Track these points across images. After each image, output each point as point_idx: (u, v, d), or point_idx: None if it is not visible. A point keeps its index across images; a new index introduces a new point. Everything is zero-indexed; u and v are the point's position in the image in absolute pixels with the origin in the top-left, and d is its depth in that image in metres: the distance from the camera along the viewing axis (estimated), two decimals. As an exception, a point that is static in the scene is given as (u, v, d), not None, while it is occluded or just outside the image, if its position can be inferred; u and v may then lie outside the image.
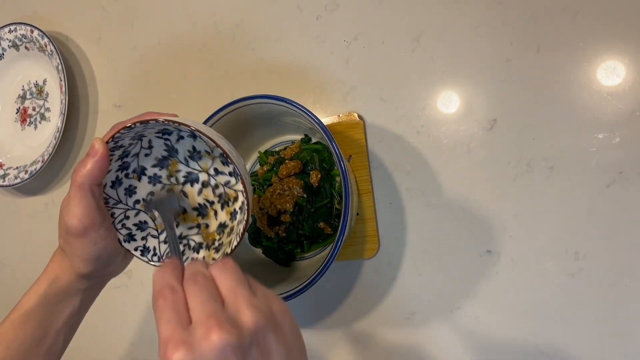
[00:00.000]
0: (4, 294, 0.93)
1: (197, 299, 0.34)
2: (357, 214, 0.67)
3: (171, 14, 0.83)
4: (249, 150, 0.72)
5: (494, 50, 0.63)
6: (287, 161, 0.66)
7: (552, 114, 0.60)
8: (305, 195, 0.64)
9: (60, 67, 0.84)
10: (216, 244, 0.50)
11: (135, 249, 0.49)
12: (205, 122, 0.63)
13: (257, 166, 0.72)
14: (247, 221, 0.45)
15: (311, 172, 0.65)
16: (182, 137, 0.50)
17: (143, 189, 0.51)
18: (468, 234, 0.63)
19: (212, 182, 0.52)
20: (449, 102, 0.65)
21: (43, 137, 0.91)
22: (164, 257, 0.50)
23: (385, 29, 0.69)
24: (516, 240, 0.61)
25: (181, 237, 0.51)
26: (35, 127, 0.92)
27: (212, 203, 0.51)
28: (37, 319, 0.48)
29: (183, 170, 0.52)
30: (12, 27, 0.90)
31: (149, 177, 0.51)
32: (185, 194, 0.51)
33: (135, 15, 0.86)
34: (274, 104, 0.59)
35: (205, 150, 0.51)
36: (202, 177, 0.51)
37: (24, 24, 0.89)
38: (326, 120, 0.70)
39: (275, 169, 0.68)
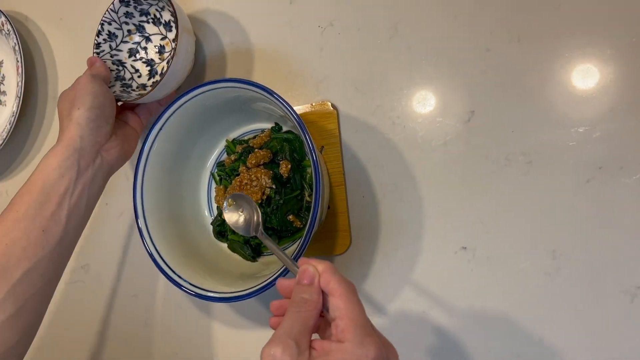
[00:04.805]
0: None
1: None
2: (329, 207, 0.64)
3: (138, -6, 0.79)
4: (215, 138, 0.69)
5: (473, 40, 0.61)
6: (256, 150, 0.64)
7: (532, 107, 0.58)
8: (274, 186, 0.62)
9: (17, 47, 0.80)
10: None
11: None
12: (169, 107, 0.60)
13: (224, 155, 0.69)
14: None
15: (281, 162, 0.63)
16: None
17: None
18: (443, 230, 0.60)
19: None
20: (426, 93, 0.63)
21: (-3, 121, 0.85)
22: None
23: (362, 15, 0.66)
24: (492, 237, 0.58)
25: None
26: (-11, 111, 0.87)
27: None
28: (39, 186, 0.54)
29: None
30: (-34, 4, 0.85)
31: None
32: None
33: (100, -5, 0.82)
34: (244, 89, 0.57)
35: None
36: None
37: (-21, 0, 0.84)
38: (298, 109, 0.67)
39: (243, 158, 0.65)
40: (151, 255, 0.59)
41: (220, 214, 0.66)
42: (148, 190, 0.61)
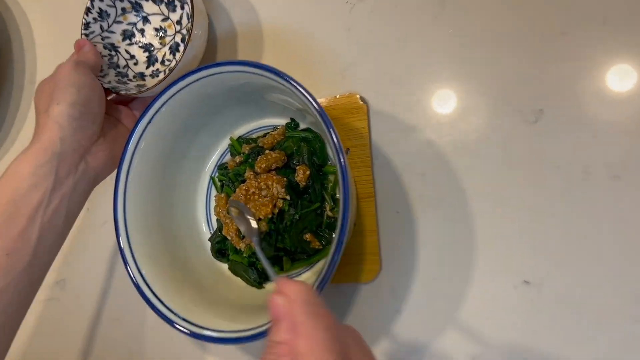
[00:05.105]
0: None
1: None
2: (355, 225, 0.53)
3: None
4: (217, 135, 0.60)
5: (543, 20, 0.50)
6: (266, 151, 0.54)
7: (620, 105, 0.47)
8: (288, 197, 0.52)
9: (-11, 24, 0.69)
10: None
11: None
12: (160, 95, 0.52)
13: (228, 156, 0.60)
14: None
15: (297, 168, 0.53)
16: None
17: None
18: (499, 258, 0.49)
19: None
20: (480, 86, 0.52)
21: (-35, 109, 0.76)
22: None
23: (401, -11, 0.55)
24: (564, 270, 0.47)
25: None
26: (-43, 97, 0.77)
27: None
28: (6, 197, 0.46)
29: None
30: None
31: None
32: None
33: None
34: (254, 74, 0.48)
35: None
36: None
37: (-52, -31, 0.74)
38: (319, 101, 0.56)
39: (250, 160, 0.55)
40: (135, 283, 0.48)
41: (220, 228, 0.56)
42: (132, 200, 0.51)
